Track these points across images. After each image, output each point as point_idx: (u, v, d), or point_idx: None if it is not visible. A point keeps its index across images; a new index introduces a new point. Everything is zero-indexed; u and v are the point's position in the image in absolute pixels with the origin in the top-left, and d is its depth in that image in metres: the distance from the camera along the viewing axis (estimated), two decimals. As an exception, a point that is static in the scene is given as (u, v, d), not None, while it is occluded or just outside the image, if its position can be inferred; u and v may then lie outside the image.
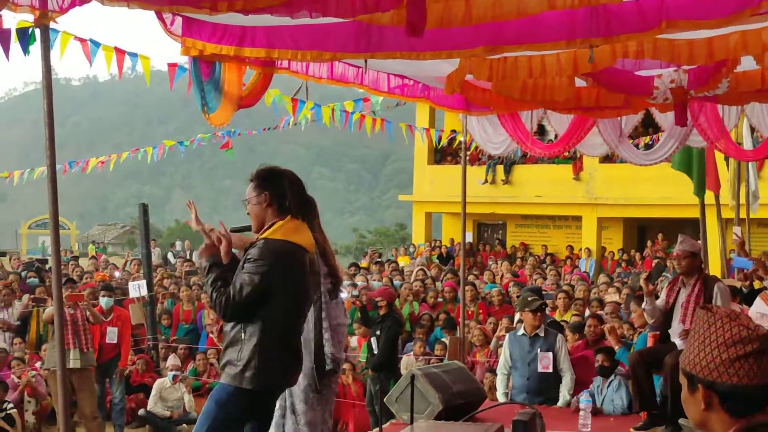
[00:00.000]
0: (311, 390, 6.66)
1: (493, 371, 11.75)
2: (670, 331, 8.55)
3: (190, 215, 5.89)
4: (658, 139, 11.62)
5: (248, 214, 5.49)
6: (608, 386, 9.43)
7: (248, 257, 5.23)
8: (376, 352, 11.68)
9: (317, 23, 6.03)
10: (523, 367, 9.67)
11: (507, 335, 10.15)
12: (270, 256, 5.17)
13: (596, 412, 8.68)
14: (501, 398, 9.82)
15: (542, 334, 9.67)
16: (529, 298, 9.86)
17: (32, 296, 15.79)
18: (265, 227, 5.35)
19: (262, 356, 5.16)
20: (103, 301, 12.96)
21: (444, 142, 13.65)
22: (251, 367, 5.15)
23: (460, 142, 12.00)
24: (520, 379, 9.68)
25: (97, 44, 7.36)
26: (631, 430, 8.29)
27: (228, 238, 5.26)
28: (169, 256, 32.52)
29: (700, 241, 9.94)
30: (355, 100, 11.38)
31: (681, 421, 7.75)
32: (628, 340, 10.83)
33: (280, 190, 5.40)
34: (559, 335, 9.85)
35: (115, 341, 12.83)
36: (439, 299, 15.88)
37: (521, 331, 9.74)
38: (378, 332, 11.75)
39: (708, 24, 5.71)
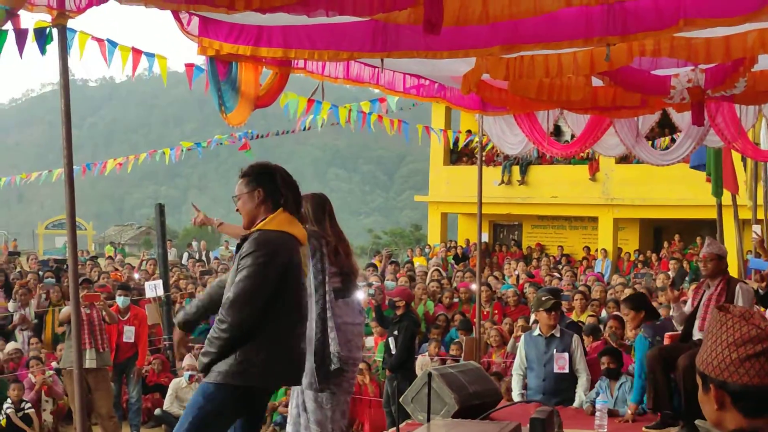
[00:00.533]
0: (313, 389, 6.67)
1: (497, 375, 11.75)
2: (694, 330, 8.53)
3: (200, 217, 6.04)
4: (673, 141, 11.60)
5: (238, 210, 5.36)
6: (619, 388, 9.40)
7: (242, 253, 5.07)
8: (393, 352, 11.66)
9: (334, 23, 6.04)
10: (539, 367, 9.65)
11: (523, 335, 10.13)
12: (267, 246, 5.05)
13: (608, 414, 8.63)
14: (516, 398, 9.79)
15: (558, 335, 9.64)
16: (543, 298, 9.83)
17: (47, 295, 15.87)
18: (258, 221, 5.23)
19: (253, 353, 4.99)
20: (120, 300, 12.98)
21: (462, 143, 13.60)
22: (242, 363, 4.99)
23: (476, 143, 11.99)
24: (536, 379, 9.66)
25: (114, 44, 7.38)
26: (644, 429, 8.26)
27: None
28: (185, 256, 32.57)
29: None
30: (372, 100, 11.37)
31: (697, 422, 7.72)
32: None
33: (274, 186, 5.28)
34: (575, 336, 9.81)
35: (132, 340, 12.85)
36: (455, 299, 15.87)
37: (537, 332, 9.72)
38: (396, 332, 11.73)
39: (726, 22, 5.69)
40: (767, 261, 10.42)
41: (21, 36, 5.88)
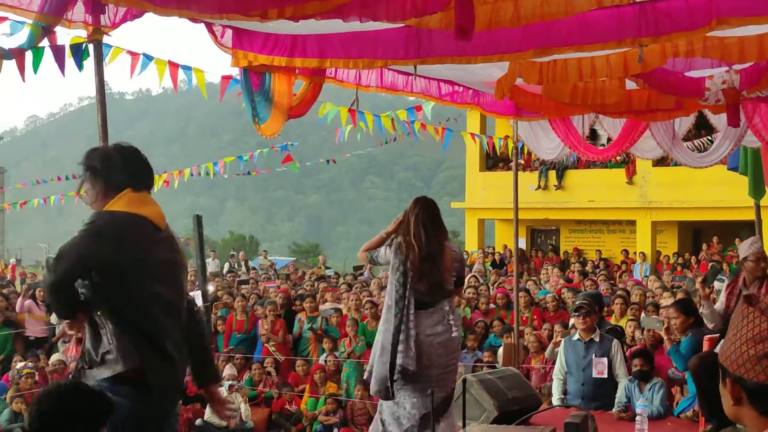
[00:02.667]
0: (380, 396, 6.77)
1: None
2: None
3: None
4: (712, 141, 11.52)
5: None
6: (649, 389, 9.36)
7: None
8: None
9: (367, 30, 6.07)
10: (578, 372, 9.64)
11: (563, 340, 10.12)
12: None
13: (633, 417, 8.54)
14: (556, 403, 9.78)
15: (597, 339, 9.62)
16: (576, 302, 9.88)
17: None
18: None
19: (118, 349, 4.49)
20: None
21: (506, 149, 13.56)
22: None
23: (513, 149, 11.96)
24: (575, 384, 9.65)
25: (150, 58, 7.44)
26: None
27: None
28: (226, 266, 32.74)
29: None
30: (408, 108, 11.38)
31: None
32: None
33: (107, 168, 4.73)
34: (615, 341, 9.77)
35: None
36: (491, 306, 15.84)
37: (576, 336, 9.72)
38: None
39: (759, 20, 5.65)
40: None
41: (58, 53, 5.95)
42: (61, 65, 6.03)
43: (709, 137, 16.06)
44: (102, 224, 4.54)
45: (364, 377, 7.34)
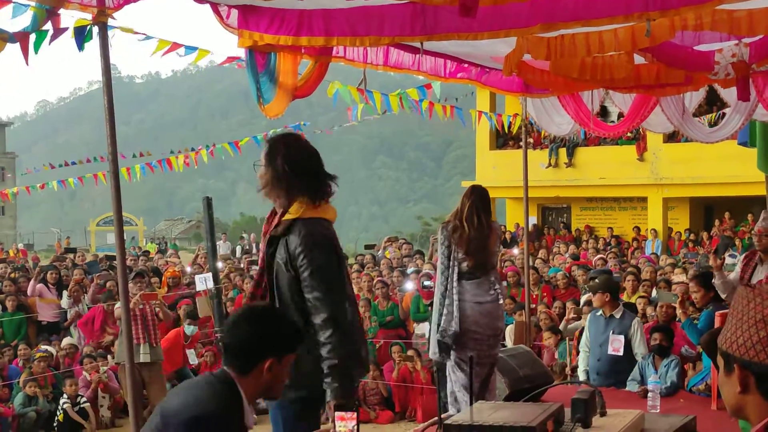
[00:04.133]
0: (437, 358, 7.75)
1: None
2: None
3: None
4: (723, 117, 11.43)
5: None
6: (665, 366, 9.34)
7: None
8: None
9: (373, 7, 6.03)
10: (596, 347, 9.73)
11: (590, 314, 10.22)
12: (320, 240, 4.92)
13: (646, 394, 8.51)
14: (581, 375, 9.92)
15: (618, 316, 9.66)
16: (597, 279, 9.99)
17: (100, 287, 16.08)
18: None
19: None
20: (189, 329, 13.68)
21: (516, 127, 13.49)
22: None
23: (521, 126, 11.89)
24: (593, 359, 9.75)
25: (155, 39, 7.41)
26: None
27: None
28: (238, 249, 32.81)
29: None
30: (419, 87, 11.32)
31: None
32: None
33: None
34: (636, 319, 9.80)
35: (195, 362, 13.30)
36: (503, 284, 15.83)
37: (600, 312, 9.81)
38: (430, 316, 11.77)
39: (769, -7, 5.61)
40: None
41: (59, 34, 5.90)
42: (56, 37, 5.95)
43: (721, 111, 15.93)
44: None
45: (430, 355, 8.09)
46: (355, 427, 4.00)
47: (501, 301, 7.79)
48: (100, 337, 14.47)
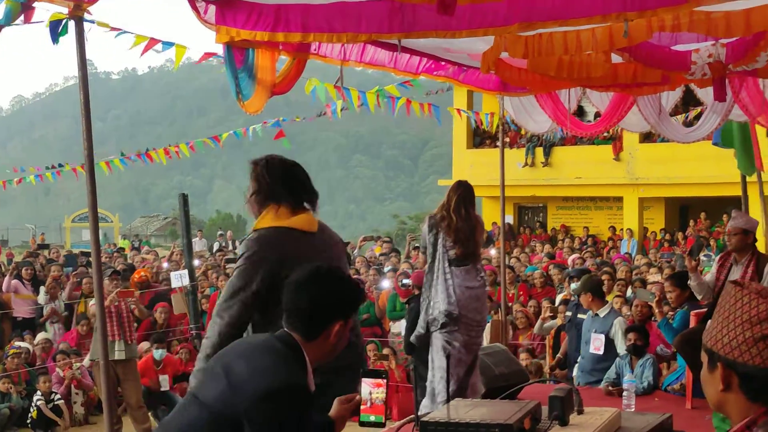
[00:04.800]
0: (418, 342, 8.12)
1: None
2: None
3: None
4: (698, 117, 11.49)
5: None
6: (640, 365, 9.39)
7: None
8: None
9: (350, 3, 6.02)
10: (583, 346, 9.86)
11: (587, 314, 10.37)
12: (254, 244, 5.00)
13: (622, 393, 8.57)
14: (575, 372, 10.19)
15: (602, 315, 9.76)
16: (584, 278, 10.13)
17: (77, 285, 16.00)
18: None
19: None
20: (157, 354, 13.38)
21: (495, 127, 13.49)
22: None
23: (499, 125, 11.90)
24: (580, 357, 9.86)
25: (132, 34, 7.37)
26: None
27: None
28: (215, 246, 32.69)
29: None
30: (398, 84, 11.32)
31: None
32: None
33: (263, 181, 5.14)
34: (619, 319, 9.88)
35: (167, 389, 13.17)
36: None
37: (591, 310, 9.96)
38: (406, 314, 11.79)
39: (745, -5, 5.63)
40: None
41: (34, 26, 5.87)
42: (47, 39, 5.91)
43: (698, 109, 16.01)
44: None
45: (411, 339, 8.36)
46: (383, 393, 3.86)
47: (487, 288, 8.20)
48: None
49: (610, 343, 9.72)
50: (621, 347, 9.64)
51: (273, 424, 3.34)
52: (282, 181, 5.03)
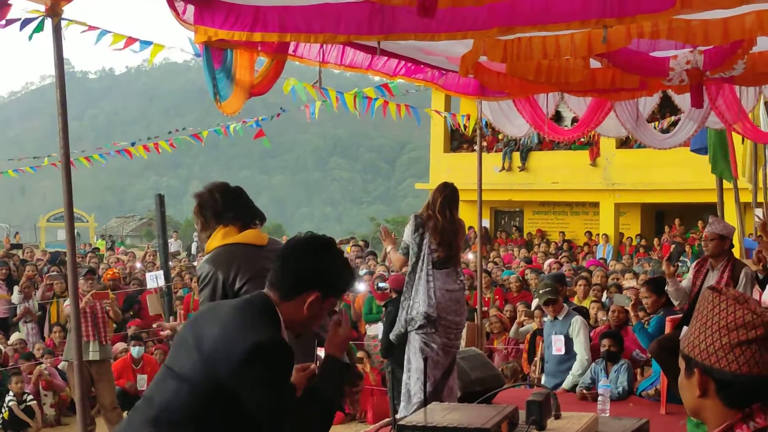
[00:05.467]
0: (397, 341, 8.10)
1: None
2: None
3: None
4: (675, 124, 11.54)
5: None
6: (615, 371, 9.43)
7: None
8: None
9: (329, 4, 6.00)
10: (546, 350, 9.93)
11: (546, 320, 10.43)
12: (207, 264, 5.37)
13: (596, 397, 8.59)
14: (544, 379, 10.19)
15: (561, 318, 9.82)
16: (541, 291, 10.15)
17: (51, 287, 15.91)
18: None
19: None
20: (134, 351, 13.46)
21: (471, 130, 13.49)
22: None
23: (475, 129, 11.91)
24: (545, 361, 9.90)
25: (107, 32, 7.33)
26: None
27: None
28: (193, 247, 32.59)
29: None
30: (376, 87, 11.31)
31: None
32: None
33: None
34: (576, 318, 9.92)
35: (145, 388, 13.09)
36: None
37: (550, 316, 10.00)
38: (383, 317, 11.78)
39: (723, 3, 5.64)
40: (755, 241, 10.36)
41: (8, 24, 5.82)
42: (23, 37, 5.89)
43: (671, 118, 16.09)
44: None
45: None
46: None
47: (466, 292, 8.36)
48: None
49: (569, 342, 9.79)
50: (578, 346, 9.69)
51: (262, 382, 3.25)
52: (225, 206, 5.31)
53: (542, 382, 10.15)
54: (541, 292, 10.22)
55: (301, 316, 3.50)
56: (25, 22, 6.04)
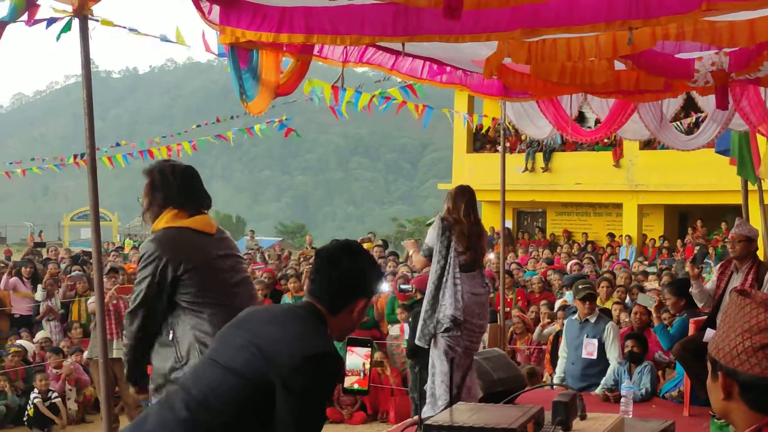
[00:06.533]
0: (424, 344, 7.95)
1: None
2: (719, 316, 8.43)
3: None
4: (698, 124, 11.48)
5: None
6: (639, 372, 9.39)
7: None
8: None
9: (355, 6, 6.02)
10: (572, 351, 9.83)
11: (567, 319, 10.31)
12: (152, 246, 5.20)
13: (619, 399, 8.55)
14: (556, 381, 10.03)
15: (592, 320, 9.74)
16: (579, 286, 10.02)
17: (73, 286, 15.99)
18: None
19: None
20: None
21: (486, 128, 13.49)
22: None
23: (498, 129, 11.91)
24: (568, 363, 9.83)
25: (134, 32, 7.38)
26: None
27: None
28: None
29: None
30: (401, 87, 11.33)
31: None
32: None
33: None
34: (610, 323, 9.86)
35: None
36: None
37: (575, 316, 9.92)
38: (410, 318, 11.78)
39: (749, 5, 5.63)
40: None
41: (37, 24, 5.86)
42: (30, 22, 5.91)
43: (695, 117, 16.03)
44: None
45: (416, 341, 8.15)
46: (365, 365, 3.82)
47: (491, 294, 8.39)
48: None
49: (602, 348, 9.72)
50: (612, 352, 9.63)
51: (311, 391, 3.31)
52: (179, 189, 5.27)
53: (559, 381, 10.12)
54: (580, 287, 10.13)
55: (350, 323, 3.62)
56: (51, 21, 6.08)
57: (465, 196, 8.10)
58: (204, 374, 3.49)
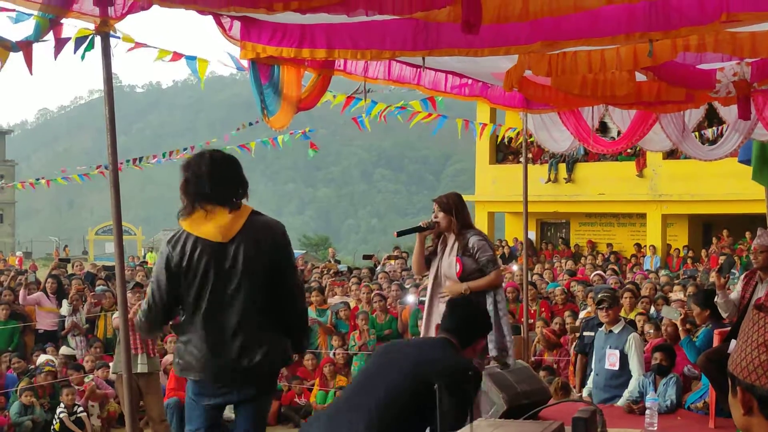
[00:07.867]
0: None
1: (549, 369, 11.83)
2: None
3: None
4: (721, 133, 11.42)
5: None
6: (664, 384, 9.34)
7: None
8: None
9: (375, 21, 6.04)
10: (596, 363, 9.80)
11: (598, 332, 10.31)
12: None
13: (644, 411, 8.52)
14: (585, 393, 10.04)
15: (616, 331, 9.70)
16: (598, 293, 10.00)
17: (98, 301, 16.07)
18: None
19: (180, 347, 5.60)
20: None
21: (503, 138, 13.48)
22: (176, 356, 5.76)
23: (521, 140, 11.90)
24: (594, 374, 9.80)
25: (155, 48, 7.42)
26: None
27: None
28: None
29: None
30: (422, 100, 11.36)
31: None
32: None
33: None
34: (633, 335, 9.80)
35: None
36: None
37: (603, 327, 9.86)
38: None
39: (770, 16, 5.61)
40: None
41: (62, 44, 5.91)
42: (58, 52, 5.98)
43: (717, 126, 15.95)
44: None
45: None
46: None
47: (512, 305, 8.19)
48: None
49: (624, 359, 9.68)
50: (633, 363, 9.58)
51: (461, 393, 4.52)
52: (205, 182, 5.36)
53: (587, 395, 10.09)
54: (598, 294, 10.14)
55: (471, 357, 5.18)
56: (79, 42, 6.13)
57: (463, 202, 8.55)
58: (371, 390, 4.73)
